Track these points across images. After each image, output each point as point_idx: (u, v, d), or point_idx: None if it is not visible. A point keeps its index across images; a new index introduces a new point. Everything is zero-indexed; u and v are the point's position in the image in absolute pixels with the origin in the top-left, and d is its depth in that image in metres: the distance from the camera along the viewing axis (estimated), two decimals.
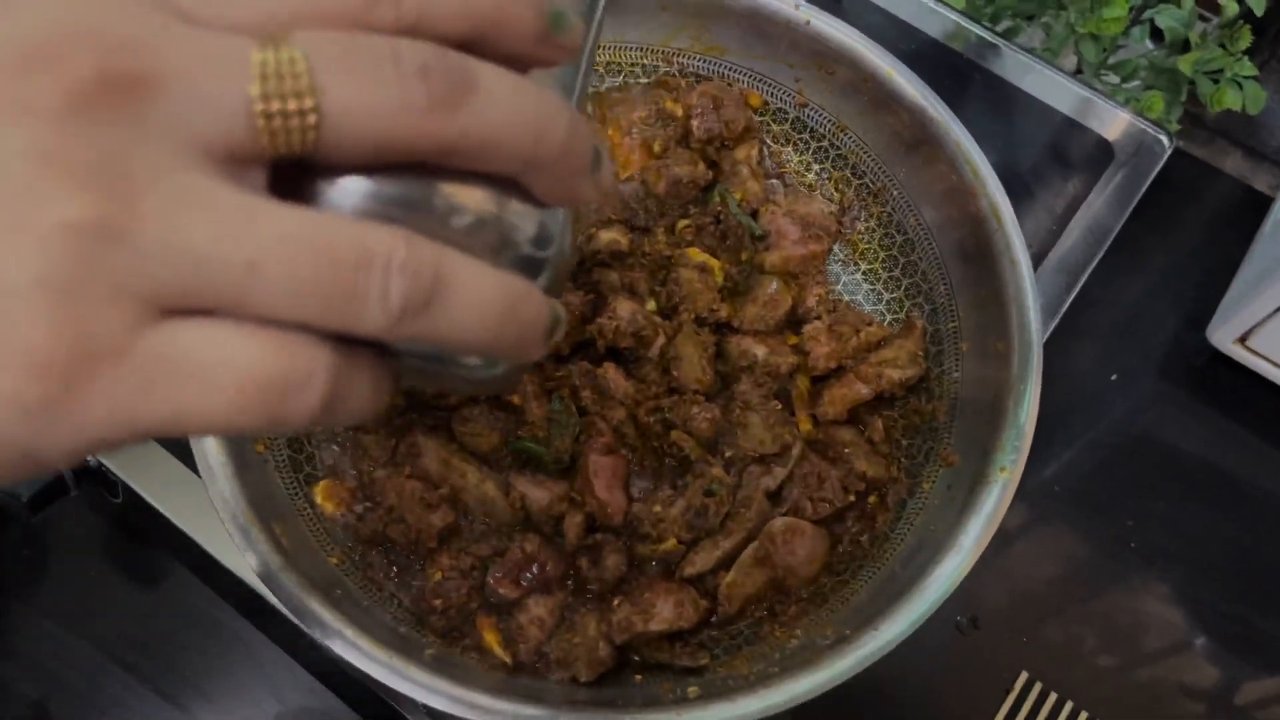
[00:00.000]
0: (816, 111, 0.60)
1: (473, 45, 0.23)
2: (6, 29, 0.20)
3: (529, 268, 0.26)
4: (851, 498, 0.52)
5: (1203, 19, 0.74)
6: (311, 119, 0.21)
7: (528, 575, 0.50)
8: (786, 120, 0.61)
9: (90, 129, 0.19)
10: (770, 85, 0.60)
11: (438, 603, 0.48)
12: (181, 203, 0.20)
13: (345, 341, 0.22)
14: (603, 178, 0.26)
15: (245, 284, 0.20)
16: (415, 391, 0.53)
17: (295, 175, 0.22)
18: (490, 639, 0.49)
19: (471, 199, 0.24)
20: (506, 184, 0.24)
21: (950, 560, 0.46)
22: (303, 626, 0.44)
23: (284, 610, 0.45)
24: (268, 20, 0.22)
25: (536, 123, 0.23)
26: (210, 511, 0.45)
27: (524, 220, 0.25)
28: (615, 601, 0.49)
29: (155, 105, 0.20)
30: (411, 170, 0.23)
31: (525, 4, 0.24)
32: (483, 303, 0.22)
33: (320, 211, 0.22)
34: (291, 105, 0.20)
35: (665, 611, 0.48)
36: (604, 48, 0.61)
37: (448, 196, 0.23)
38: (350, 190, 0.22)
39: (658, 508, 0.50)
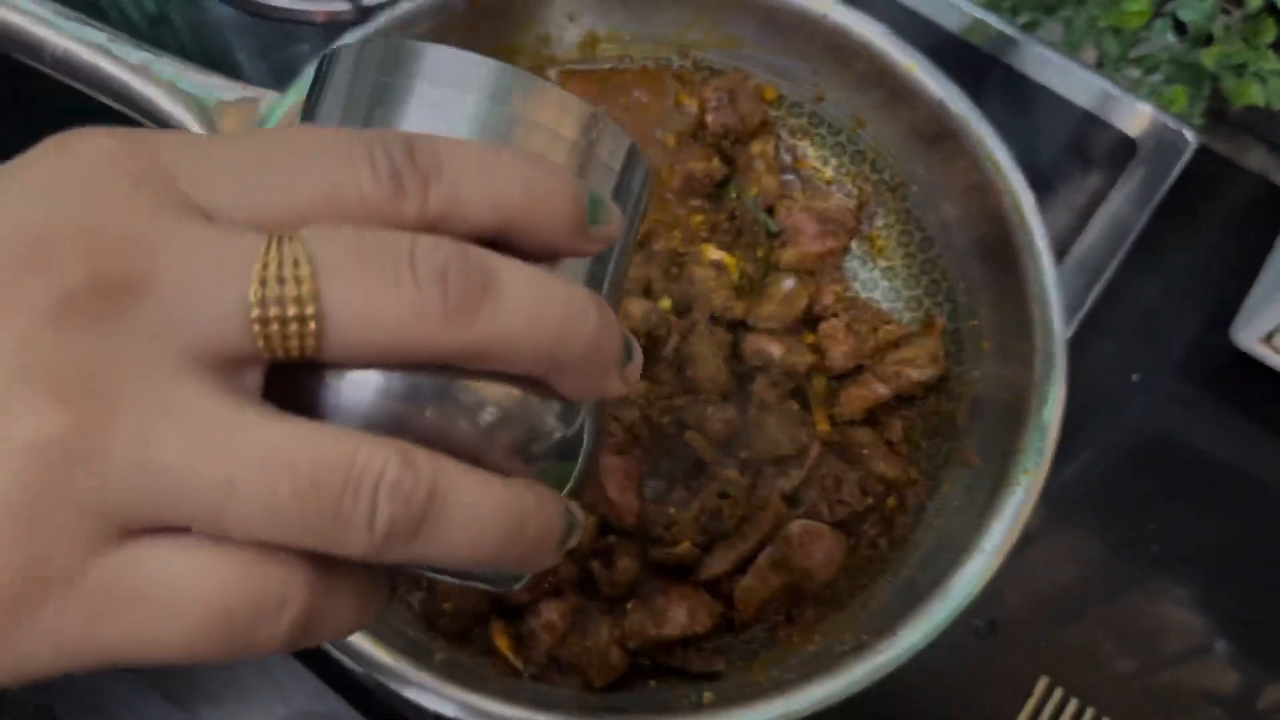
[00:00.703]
0: (834, 105, 0.59)
1: (501, 237, 0.22)
2: (5, 225, 0.19)
3: (551, 464, 0.24)
4: (870, 500, 0.51)
5: (1225, 12, 0.73)
6: (312, 325, 0.19)
7: (539, 578, 0.49)
8: (803, 114, 0.60)
9: (75, 336, 0.19)
10: (787, 78, 0.59)
11: (447, 606, 0.48)
12: (160, 414, 0.19)
13: (330, 558, 0.20)
14: (631, 370, 0.24)
15: (220, 504, 0.19)
16: None
17: (298, 364, 0.21)
18: (501, 643, 0.48)
19: (488, 394, 0.22)
20: (528, 377, 0.23)
21: (972, 564, 0.45)
22: None
23: None
24: (283, 212, 0.21)
25: (562, 327, 0.22)
26: None
27: (546, 416, 0.23)
28: (628, 606, 0.48)
29: (146, 309, 0.19)
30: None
31: (561, 194, 0.23)
32: (484, 523, 0.21)
33: (309, 423, 0.20)
34: (291, 312, 0.19)
35: (679, 616, 0.47)
36: (614, 41, 0.60)
37: (461, 391, 0.22)
38: (355, 384, 0.21)
39: (671, 510, 0.49)
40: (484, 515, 0.21)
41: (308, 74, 0.53)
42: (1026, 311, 0.50)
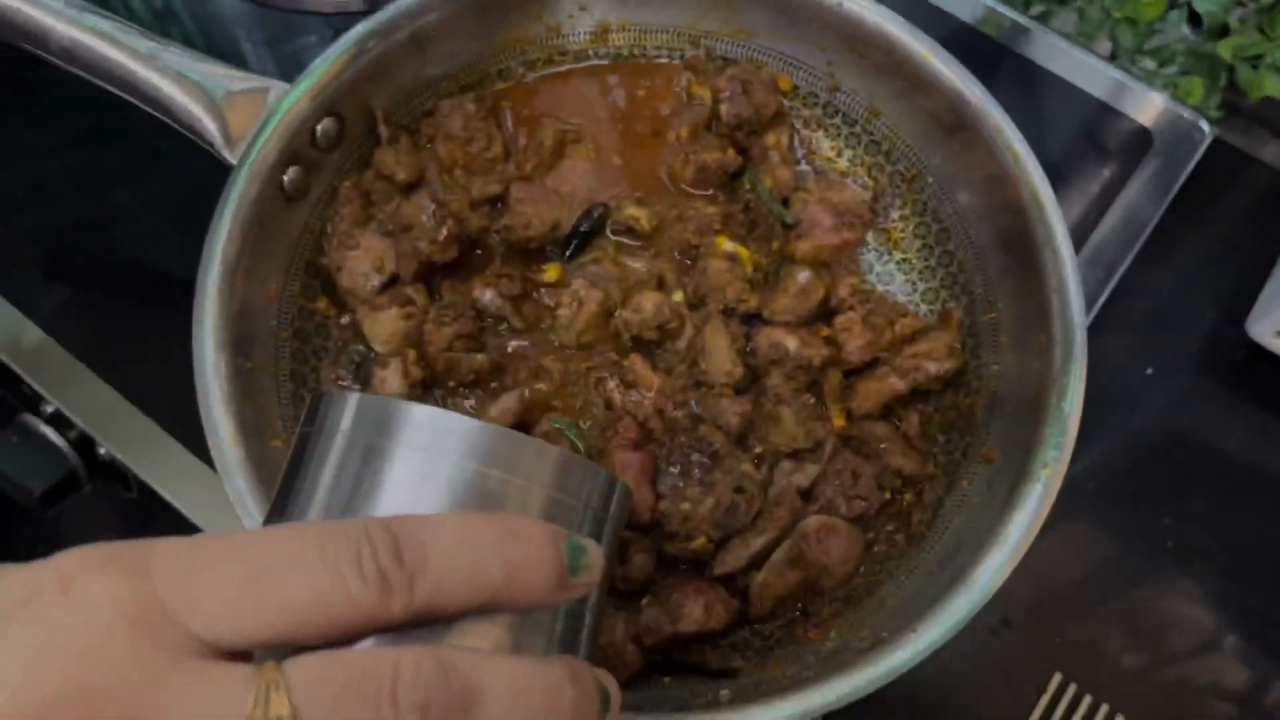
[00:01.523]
0: (849, 96, 0.58)
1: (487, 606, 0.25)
2: (11, 682, 0.21)
3: None
4: (887, 496, 0.50)
5: (1241, 4, 0.72)
6: None
7: None
8: (818, 105, 0.59)
9: None
10: (801, 69, 0.59)
11: None
12: None
13: None
14: (613, 713, 0.27)
15: None
16: (434, 382, 0.52)
17: None
18: None
19: None
20: None
21: (992, 560, 0.44)
22: None
23: None
24: (276, 631, 0.22)
25: (542, 715, 0.24)
26: (227, 507, 0.44)
27: None
28: (643, 602, 0.48)
29: None
30: None
31: (540, 560, 0.25)
32: None
33: None
34: None
35: (695, 612, 0.47)
36: (626, 30, 0.59)
37: None
38: None
39: (686, 505, 0.49)
40: None
41: (316, 67, 0.52)
42: (1045, 303, 0.49)
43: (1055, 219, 0.50)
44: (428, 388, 0.51)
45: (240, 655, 0.23)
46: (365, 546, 0.23)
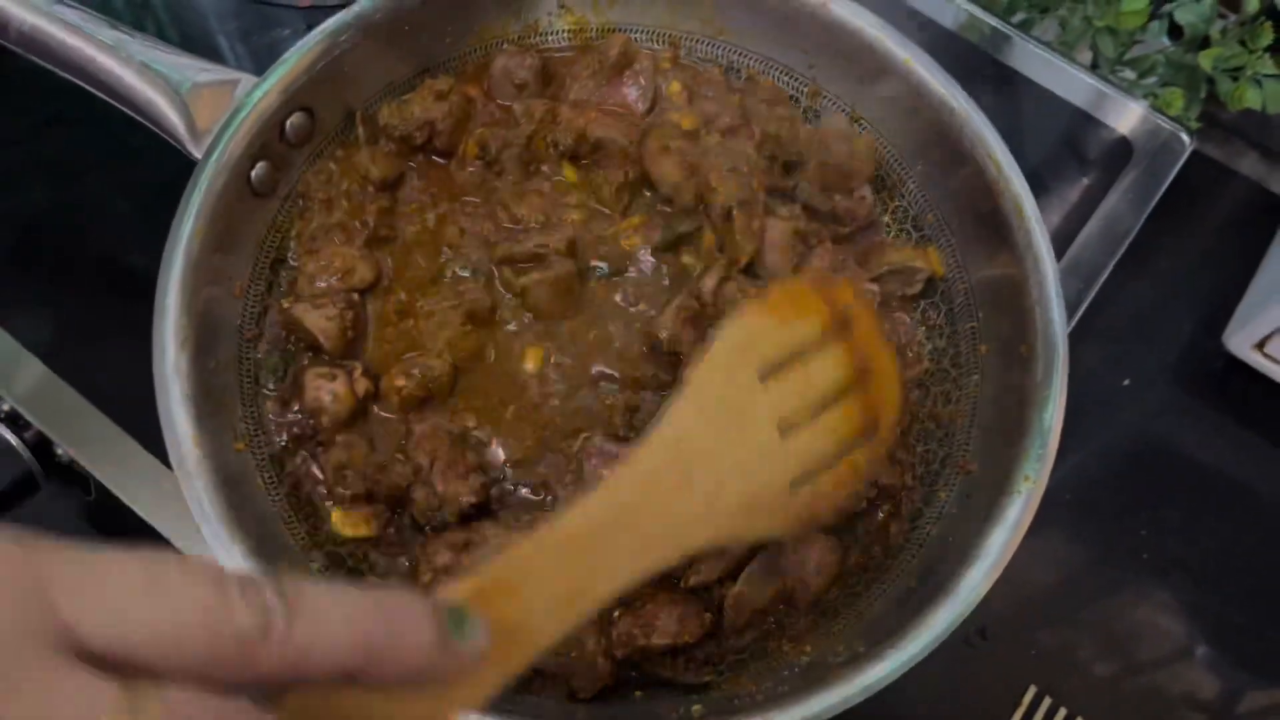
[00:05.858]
0: (831, 101, 0.57)
1: (369, 668, 0.25)
2: None
3: None
4: (863, 504, 0.49)
5: (1222, 15, 0.72)
6: None
7: None
8: (799, 110, 0.58)
9: None
10: (783, 72, 0.58)
11: None
12: None
13: None
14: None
15: None
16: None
17: None
18: None
19: None
20: None
21: (972, 574, 0.43)
22: None
23: None
24: (159, 647, 0.23)
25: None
26: (189, 513, 0.43)
27: None
28: (615, 613, 0.47)
29: None
30: None
31: (418, 618, 0.25)
32: None
33: None
34: None
35: (668, 624, 0.46)
36: (607, 33, 0.58)
37: None
38: None
39: None
40: None
41: (287, 59, 0.51)
42: (1027, 313, 0.49)
43: (1037, 228, 0.50)
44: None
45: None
46: (254, 583, 0.24)
